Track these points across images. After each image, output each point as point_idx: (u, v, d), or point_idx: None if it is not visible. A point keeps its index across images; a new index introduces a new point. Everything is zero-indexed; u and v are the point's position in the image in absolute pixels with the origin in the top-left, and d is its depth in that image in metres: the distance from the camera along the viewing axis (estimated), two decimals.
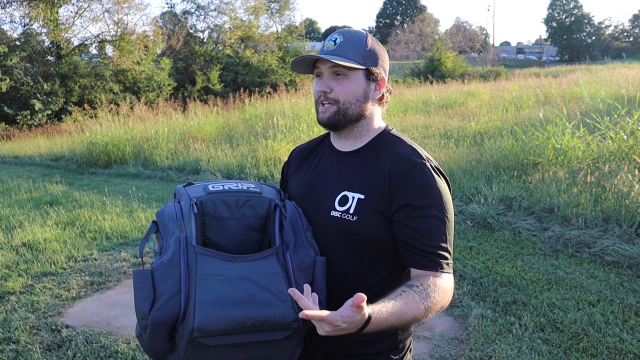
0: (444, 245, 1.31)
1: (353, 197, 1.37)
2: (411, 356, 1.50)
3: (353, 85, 1.38)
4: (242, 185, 1.43)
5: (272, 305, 1.23)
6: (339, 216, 1.38)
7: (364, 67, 1.37)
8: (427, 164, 1.35)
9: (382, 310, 1.16)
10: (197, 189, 1.40)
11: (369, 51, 1.39)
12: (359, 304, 1.05)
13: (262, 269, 1.29)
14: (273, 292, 1.25)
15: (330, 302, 1.35)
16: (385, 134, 1.46)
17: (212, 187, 1.41)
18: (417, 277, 1.31)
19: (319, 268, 1.35)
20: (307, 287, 1.22)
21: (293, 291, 1.10)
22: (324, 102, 1.40)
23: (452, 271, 1.34)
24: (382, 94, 1.45)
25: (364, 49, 1.38)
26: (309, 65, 1.43)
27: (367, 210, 1.35)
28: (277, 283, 1.27)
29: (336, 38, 1.39)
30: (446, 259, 1.32)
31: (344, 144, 1.47)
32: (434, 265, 1.30)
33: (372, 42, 1.41)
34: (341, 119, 1.40)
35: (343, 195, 1.39)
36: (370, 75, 1.39)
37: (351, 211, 1.36)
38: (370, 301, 1.22)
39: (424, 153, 1.39)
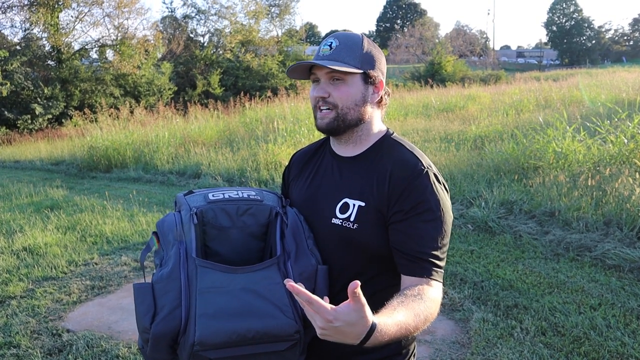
0: (435, 252, 1.28)
1: (354, 205, 1.36)
2: None
3: (351, 90, 1.36)
4: (242, 193, 1.41)
5: (273, 316, 1.22)
6: (340, 224, 1.36)
7: (361, 71, 1.36)
8: (429, 172, 1.33)
9: (388, 321, 1.09)
10: (197, 198, 1.39)
11: (365, 54, 1.37)
12: (353, 290, 0.96)
13: (263, 279, 1.28)
14: (274, 302, 1.24)
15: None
16: (386, 139, 1.44)
17: (213, 195, 1.39)
18: (409, 287, 1.26)
19: (321, 277, 1.33)
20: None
21: (291, 285, 1.02)
22: (322, 108, 1.38)
23: (442, 281, 1.30)
24: (381, 97, 1.43)
25: (360, 53, 1.36)
26: (304, 71, 1.41)
27: (367, 217, 1.34)
28: (278, 293, 1.26)
29: (331, 42, 1.38)
30: (437, 266, 1.28)
31: (344, 149, 1.46)
32: (423, 271, 1.27)
33: (368, 44, 1.39)
34: (340, 125, 1.38)
35: (344, 203, 1.38)
36: (367, 79, 1.38)
37: (352, 219, 1.35)
38: (374, 309, 1.22)
39: (425, 160, 1.37)
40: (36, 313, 4.14)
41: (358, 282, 0.97)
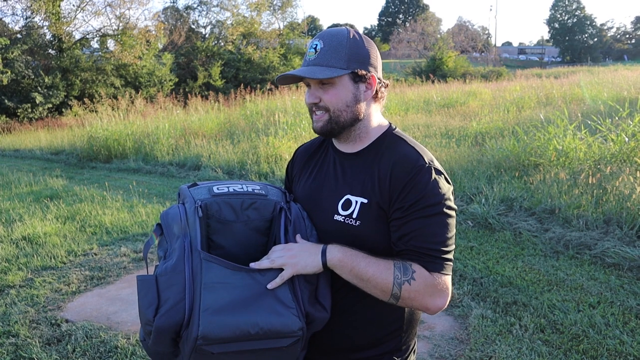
0: (440, 247, 1.27)
1: (356, 202, 1.35)
2: (415, 357, 1.48)
3: (341, 93, 1.34)
4: (247, 187, 1.40)
5: (277, 313, 1.22)
6: (342, 221, 1.35)
7: (348, 72, 1.33)
8: (431, 167, 1.32)
9: (345, 248, 1.29)
10: (201, 191, 1.38)
11: (352, 52, 1.34)
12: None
13: (268, 275, 1.28)
14: (278, 299, 1.24)
15: (334, 306, 1.34)
16: (388, 135, 1.42)
17: (217, 189, 1.38)
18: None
19: (323, 273, 1.33)
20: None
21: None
22: (316, 111, 1.38)
23: (449, 274, 1.29)
24: (376, 91, 1.40)
25: (346, 52, 1.33)
26: (294, 78, 1.39)
27: (369, 214, 1.33)
28: (281, 290, 1.25)
29: (316, 44, 1.35)
30: (443, 259, 1.27)
31: (345, 146, 1.45)
32: (427, 264, 1.26)
33: (355, 40, 1.36)
34: (334, 127, 1.37)
35: (346, 199, 1.37)
36: (356, 78, 1.35)
37: (354, 216, 1.34)
38: (376, 307, 1.29)
39: (427, 155, 1.35)
40: (35, 302, 4.14)
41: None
